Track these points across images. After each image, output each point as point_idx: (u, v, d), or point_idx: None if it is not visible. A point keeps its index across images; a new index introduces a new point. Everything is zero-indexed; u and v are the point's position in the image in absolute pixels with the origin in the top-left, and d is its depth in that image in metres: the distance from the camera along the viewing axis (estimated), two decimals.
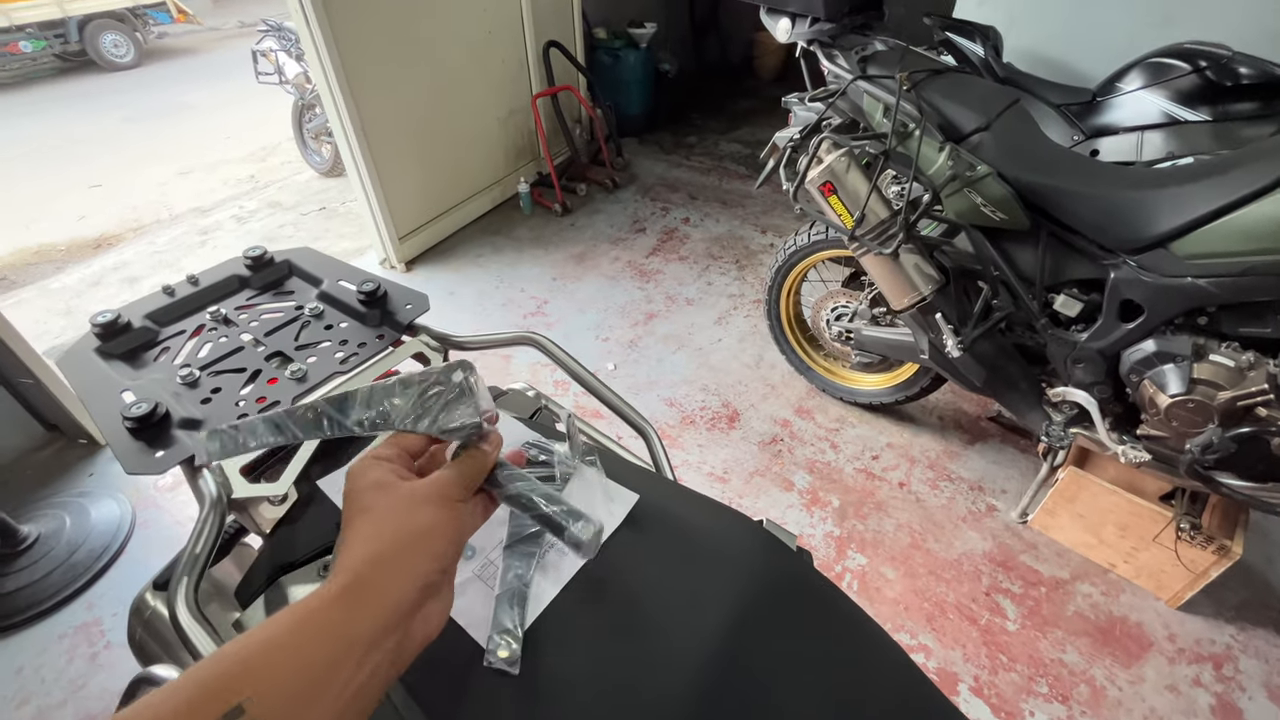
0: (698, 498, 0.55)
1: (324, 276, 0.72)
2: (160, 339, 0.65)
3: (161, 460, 0.51)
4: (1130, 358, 1.27)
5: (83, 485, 1.90)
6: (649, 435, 0.63)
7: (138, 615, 0.61)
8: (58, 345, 2.61)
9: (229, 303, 0.69)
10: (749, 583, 0.47)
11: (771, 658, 0.43)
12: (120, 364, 0.61)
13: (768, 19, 1.59)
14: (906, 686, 0.46)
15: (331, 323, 0.67)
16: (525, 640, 0.41)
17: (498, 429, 0.42)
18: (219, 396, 0.58)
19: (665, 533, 0.50)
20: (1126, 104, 1.89)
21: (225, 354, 0.63)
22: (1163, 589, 1.49)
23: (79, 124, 5.46)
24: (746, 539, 0.52)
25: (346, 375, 0.62)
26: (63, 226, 3.66)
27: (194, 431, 0.54)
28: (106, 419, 0.53)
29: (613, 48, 3.80)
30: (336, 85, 2.37)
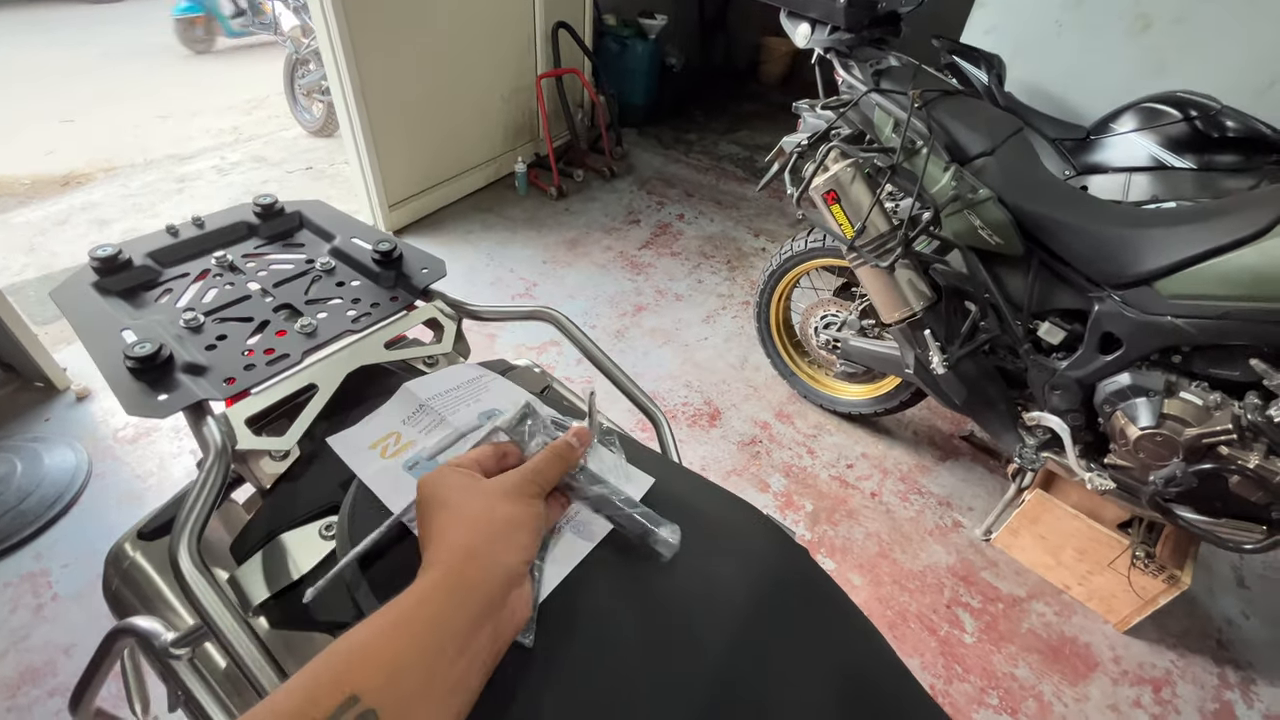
0: (709, 485, 0.56)
1: (336, 232, 0.70)
2: (162, 280, 0.62)
3: (166, 404, 0.49)
4: (1105, 388, 1.32)
5: (37, 430, 1.82)
6: (659, 421, 0.63)
7: (115, 565, 0.59)
8: (17, 283, 2.49)
9: (236, 249, 0.67)
10: (760, 570, 0.47)
11: (778, 645, 0.44)
12: (119, 301, 0.58)
13: (787, 22, 1.60)
14: (893, 676, 0.47)
15: (343, 280, 0.66)
16: (539, 615, 0.41)
17: (575, 436, 0.45)
18: (224, 344, 0.56)
19: (678, 517, 0.50)
20: (1118, 145, 1.95)
21: (231, 301, 0.60)
22: (1112, 613, 1.56)
23: (54, 53, 5.19)
24: (756, 529, 0.53)
25: (358, 335, 0.60)
26: (29, 159, 3.48)
27: (198, 377, 0.52)
28: (106, 358, 0.51)
29: (621, 36, 3.77)
30: (339, 41, 2.30)
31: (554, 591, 0.42)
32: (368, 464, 0.48)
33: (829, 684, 0.44)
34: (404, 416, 0.51)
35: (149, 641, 0.50)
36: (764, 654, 0.43)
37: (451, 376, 0.56)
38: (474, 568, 0.35)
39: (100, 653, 0.59)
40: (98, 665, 0.60)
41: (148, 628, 0.50)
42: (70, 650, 1.36)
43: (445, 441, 0.49)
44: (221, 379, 0.53)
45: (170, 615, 0.55)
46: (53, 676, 1.31)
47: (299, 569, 0.47)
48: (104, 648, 0.58)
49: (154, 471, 1.75)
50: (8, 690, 1.29)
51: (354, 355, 0.58)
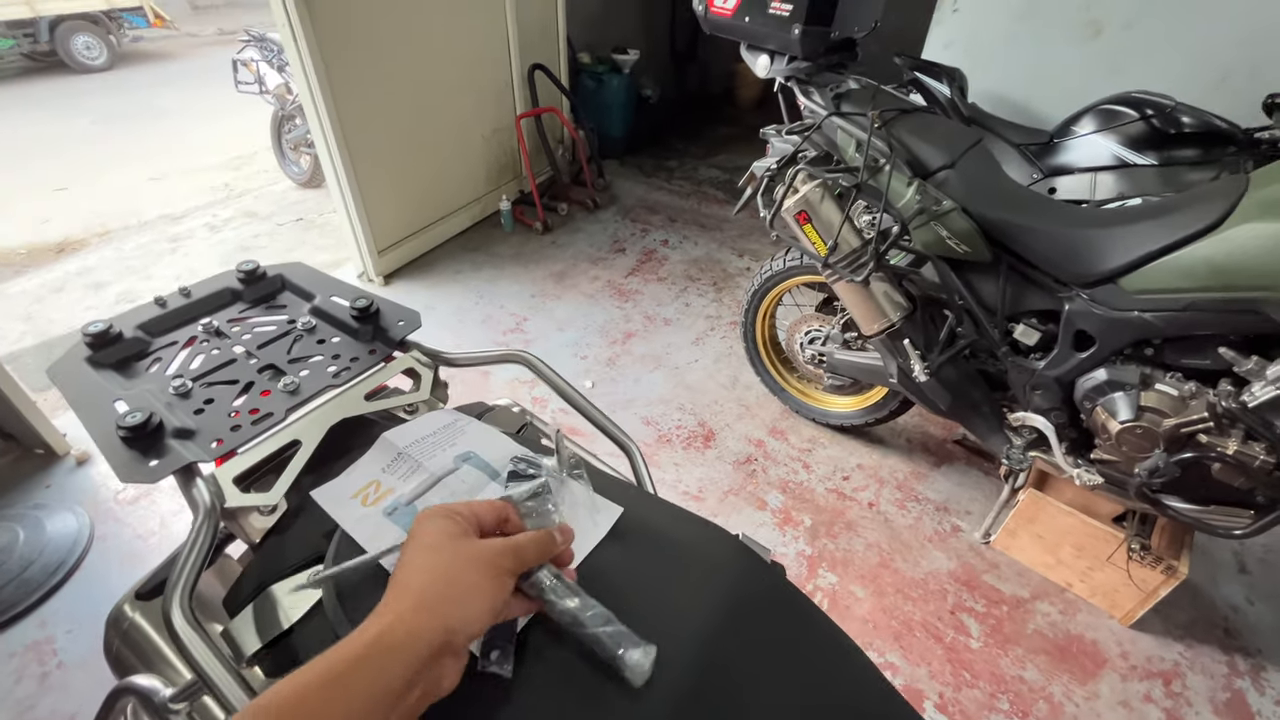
0: (678, 511, 0.58)
1: (316, 292, 0.74)
2: (152, 350, 0.65)
3: (156, 469, 0.51)
4: (1084, 385, 1.34)
5: (38, 497, 1.84)
6: (632, 451, 0.66)
7: (115, 627, 0.61)
8: (15, 352, 2.52)
9: (221, 315, 0.70)
10: (725, 592, 0.49)
11: (745, 663, 0.46)
12: (111, 374, 0.61)
13: (747, 55, 1.66)
14: (874, 695, 0.48)
15: (324, 337, 0.69)
16: (516, 646, 0.43)
17: (558, 530, 0.45)
18: (211, 407, 0.59)
19: (648, 545, 0.52)
20: (1081, 146, 2.01)
21: (218, 365, 0.63)
22: (1116, 608, 1.56)
23: (45, 125, 5.32)
24: (724, 551, 0.55)
25: (339, 389, 0.63)
26: (24, 229, 3.55)
27: (187, 441, 0.55)
28: (99, 429, 0.54)
29: (596, 72, 3.88)
30: (320, 97, 2.38)
31: (529, 622, 0.45)
32: (350, 513, 0.51)
33: (800, 699, 0.45)
34: (383, 465, 0.54)
35: (148, 699, 0.52)
36: (733, 673, 0.45)
37: (428, 423, 0.58)
38: (421, 619, 0.35)
39: (103, 712, 0.60)
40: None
41: (146, 685, 0.52)
42: (75, 718, 1.36)
43: (422, 486, 0.51)
44: (209, 441, 0.55)
45: (169, 672, 0.57)
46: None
47: (289, 618, 0.49)
48: (106, 707, 0.59)
49: (155, 531, 1.76)
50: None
51: (336, 409, 0.61)
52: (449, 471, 0.53)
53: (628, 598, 0.48)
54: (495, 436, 0.58)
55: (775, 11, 1.46)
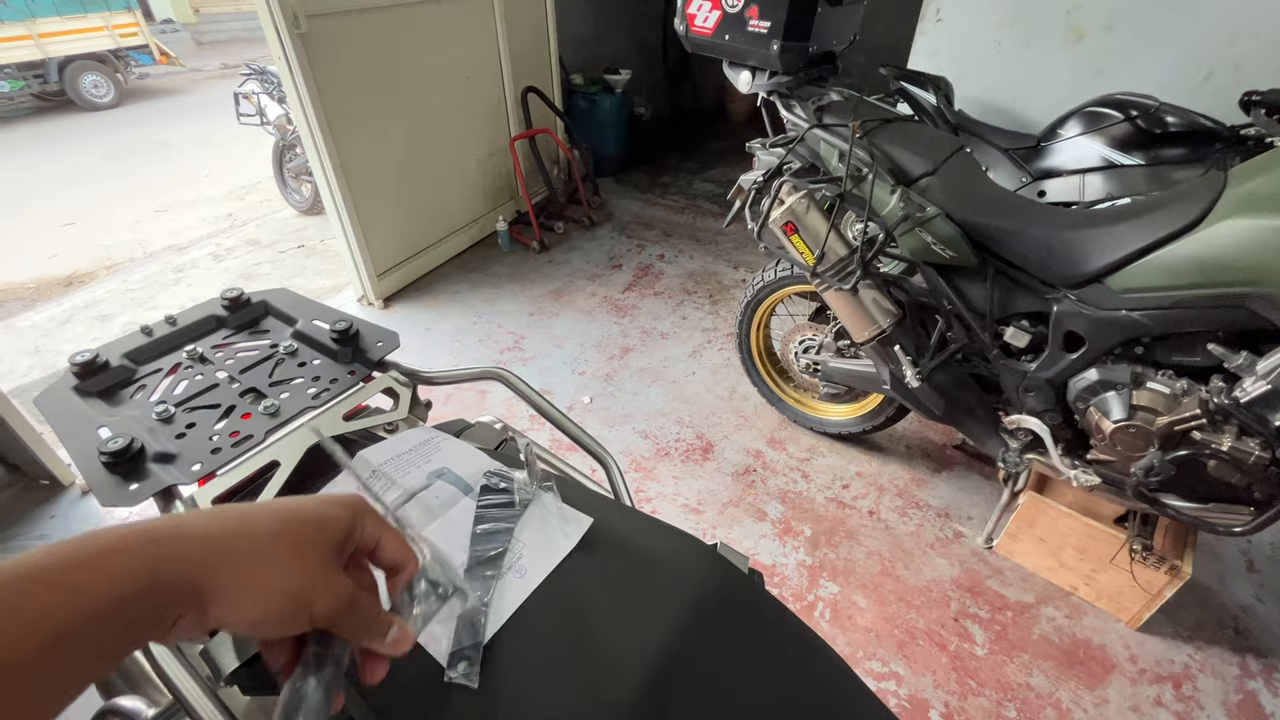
0: (651, 522, 0.59)
1: (299, 316, 0.75)
2: (137, 377, 0.67)
3: (136, 493, 0.52)
4: (1076, 386, 1.34)
5: (43, 528, 1.86)
6: (608, 464, 0.67)
7: None
8: (23, 385, 2.56)
9: (206, 341, 0.72)
10: (696, 601, 0.49)
11: (712, 669, 0.46)
12: (97, 401, 0.63)
13: (730, 71, 1.69)
14: (843, 693, 0.49)
15: (305, 360, 0.70)
16: (482, 657, 0.44)
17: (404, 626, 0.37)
18: (193, 431, 0.60)
19: (617, 555, 0.53)
20: (1068, 149, 2.02)
21: (200, 390, 0.65)
22: (1122, 610, 1.54)
23: (54, 162, 5.45)
24: (696, 560, 0.55)
25: (318, 410, 0.64)
26: (32, 264, 3.62)
27: (168, 465, 0.56)
28: (83, 454, 0.55)
29: (589, 93, 3.95)
30: (317, 126, 2.43)
31: (497, 633, 0.45)
32: None
33: (769, 700, 0.46)
34: (361, 482, 0.55)
35: (132, 719, 0.53)
36: (700, 679, 0.45)
37: (404, 441, 0.59)
38: (181, 547, 0.29)
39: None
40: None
41: (130, 706, 0.53)
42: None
43: (396, 502, 0.52)
44: (190, 464, 0.57)
45: (153, 692, 0.58)
46: None
47: None
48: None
49: None
50: None
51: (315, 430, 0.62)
52: (423, 487, 0.54)
53: (594, 607, 0.48)
54: (470, 452, 0.59)
55: (754, 29, 1.49)
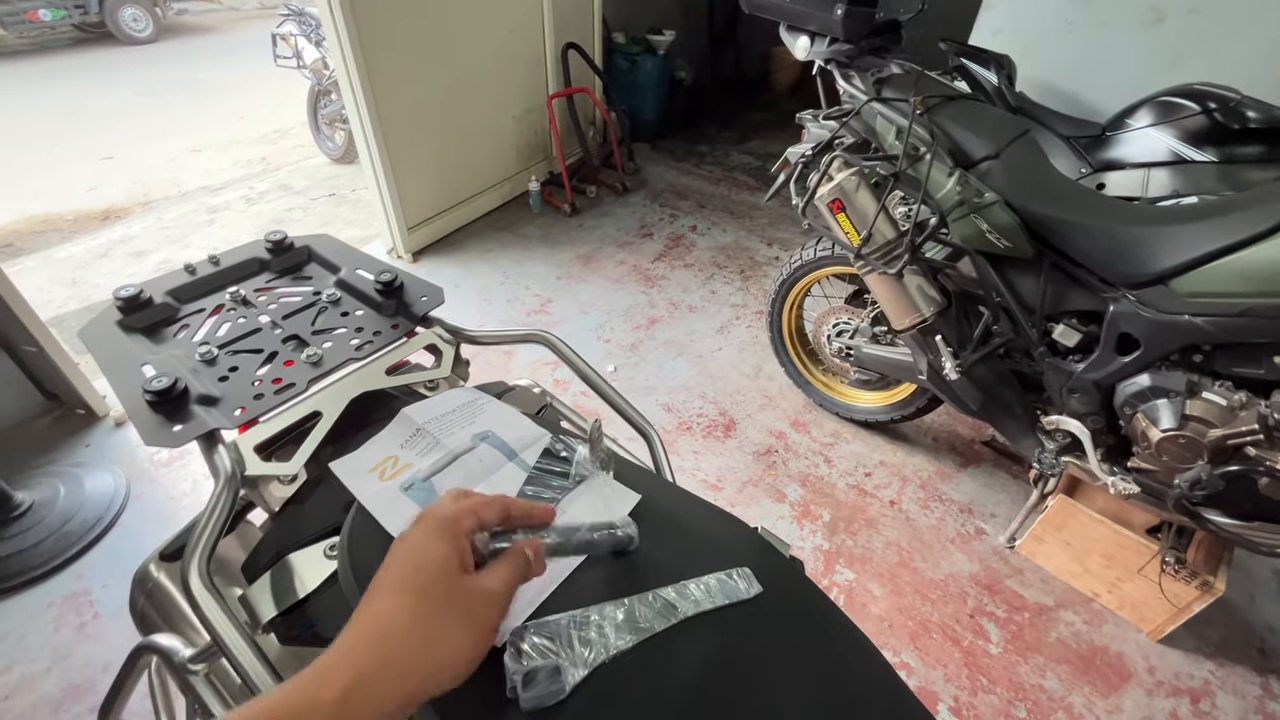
0: (697, 501, 0.57)
1: (342, 264, 0.74)
2: (180, 316, 0.66)
3: (179, 434, 0.52)
4: (1125, 390, 1.29)
5: (79, 456, 1.91)
6: (652, 438, 0.65)
7: (141, 585, 0.62)
8: (61, 315, 2.62)
9: (249, 284, 0.71)
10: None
11: (760, 657, 0.45)
12: (141, 338, 0.62)
13: (787, 36, 1.61)
14: (889, 696, 0.47)
15: (348, 310, 0.69)
16: None
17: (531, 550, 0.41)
18: (236, 375, 0.59)
19: (664, 533, 0.51)
20: (1135, 140, 1.91)
21: (243, 334, 0.64)
22: (1145, 621, 1.51)
23: (92, 95, 5.47)
24: (742, 543, 0.54)
25: (361, 362, 0.63)
26: (71, 196, 3.66)
27: (211, 408, 0.55)
28: (127, 391, 0.55)
29: (630, 53, 3.83)
30: (355, 73, 2.39)
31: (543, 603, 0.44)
32: (367, 487, 0.51)
33: (814, 696, 0.44)
34: (402, 440, 0.54)
35: (169, 658, 0.53)
36: (747, 666, 0.44)
37: (448, 401, 0.58)
38: (389, 682, 0.31)
39: (126, 668, 0.62)
40: (124, 679, 0.64)
41: (167, 645, 0.53)
42: (109, 668, 1.41)
43: (439, 463, 0.51)
44: (232, 409, 0.56)
45: (190, 632, 0.58)
46: (93, 694, 1.37)
47: (305, 588, 0.50)
48: (129, 663, 0.61)
49: (187, 493, 1.82)
50: (51, 707, 1.34)
51: (357, 382, 0.61)
52: (467, 450, 0.52)
53: (639, 585, 0.47)
54: (515, 417, 0.57)
55: None
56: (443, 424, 0.55)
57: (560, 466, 0.51)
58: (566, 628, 0.41)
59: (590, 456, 0.50)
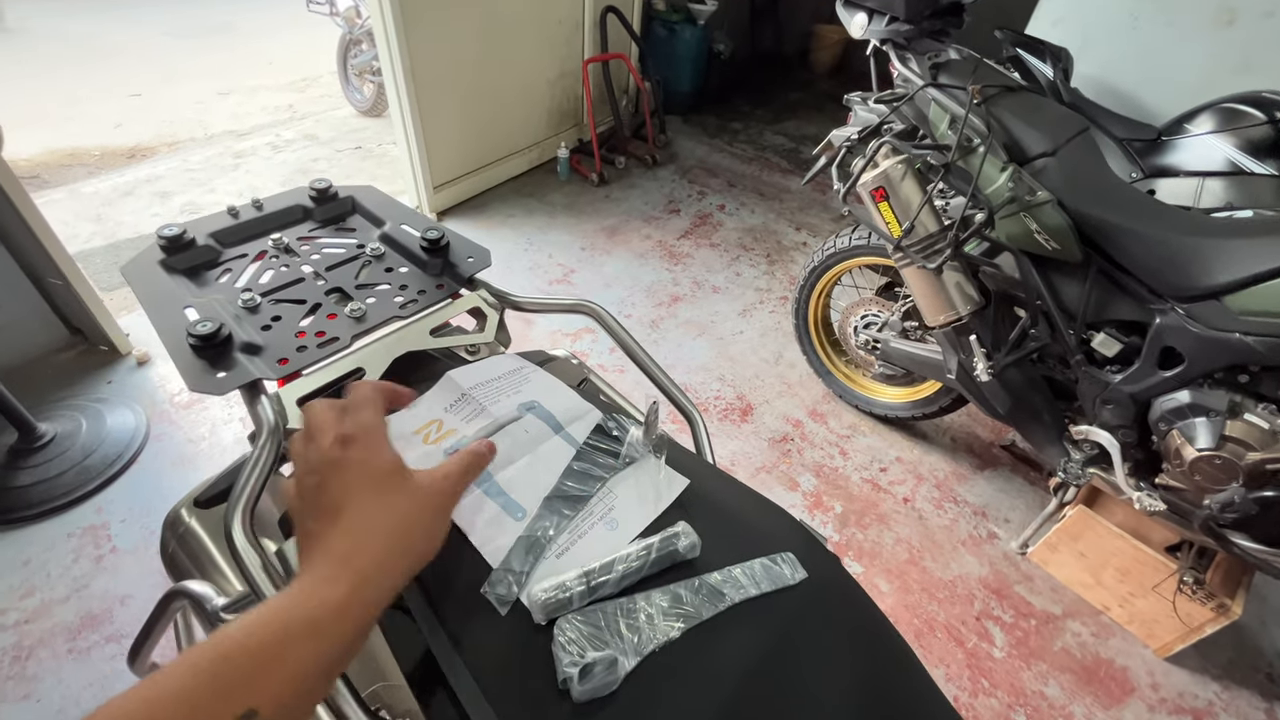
0: (742, 488, 0.56)
1: (387, 219, 0.72)
2: (222, 260, 0.64)
3: (223, 381, 0.51)
4: (1162, 405, 1.26)
5: (100, 391, 1.93)
6: (695, 420, 0.63)
7: (172, 529, 0.62)
8: (86, 250, 2.62)
9: (291, 231, 0.69)
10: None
11: (808, 648, 0.44)
12: (183, 279, 0.61)
13: (843, 11, 1.55)
14: (921, 689, 0.46)
15: (392, 266, 0.67)
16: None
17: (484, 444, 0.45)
18: (279, 325, 0.58)
19: (707, 517, 0.50)
20: (1192, 147, 1.84)
21: (286, 283, 0.62)
22: (1153, 638, 1.50)
23: (122, 32, 5.40)
24: (784, 530, 0.52)
25: (405, 321, 0.61)
26: (98, 131, 3.64)
27: (254, 357, 0.54)
28: (170, 333, 0.54)
29: (670, 21, 3.72)
30: (392, 23, 2.34)
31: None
32: (410, 449, 0.49)
33: (850, 691, 0.43)
34: (446, 404, 0.52)
35: (201, 605, 0.53)
36: (793, 653, 0.43)
37: (493, 367, 0.56)
38: (380, 586, 0.34)
39: (157, 612, 0.62)
40: (154, 623, 0.64)
41: (201, 592, 0.53)
42: (125, 600, 1.44)
43: (484, 431, 0.50)
44: (275, 359, 0.55)
45: (220, 580, 0.58)
46: (109, 623, 1.40)
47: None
48: (160, 607, 0.61)
49: (205, 436, 1.83)
50: (69, 634, 1.38)
51: (400, 341, 0.60)
52: (512, 419, 0.51)
53: (686, 570, 0.46)
54: (560, 389, 0.56)
55: None
56: (488, 390, 0.53)
57: (610, 445, 0.50)
58: (614, 615, 0.40)
59: (643, 439, 0.48)
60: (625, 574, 0.42)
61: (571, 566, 0.43)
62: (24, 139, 3.40)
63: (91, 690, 1.29)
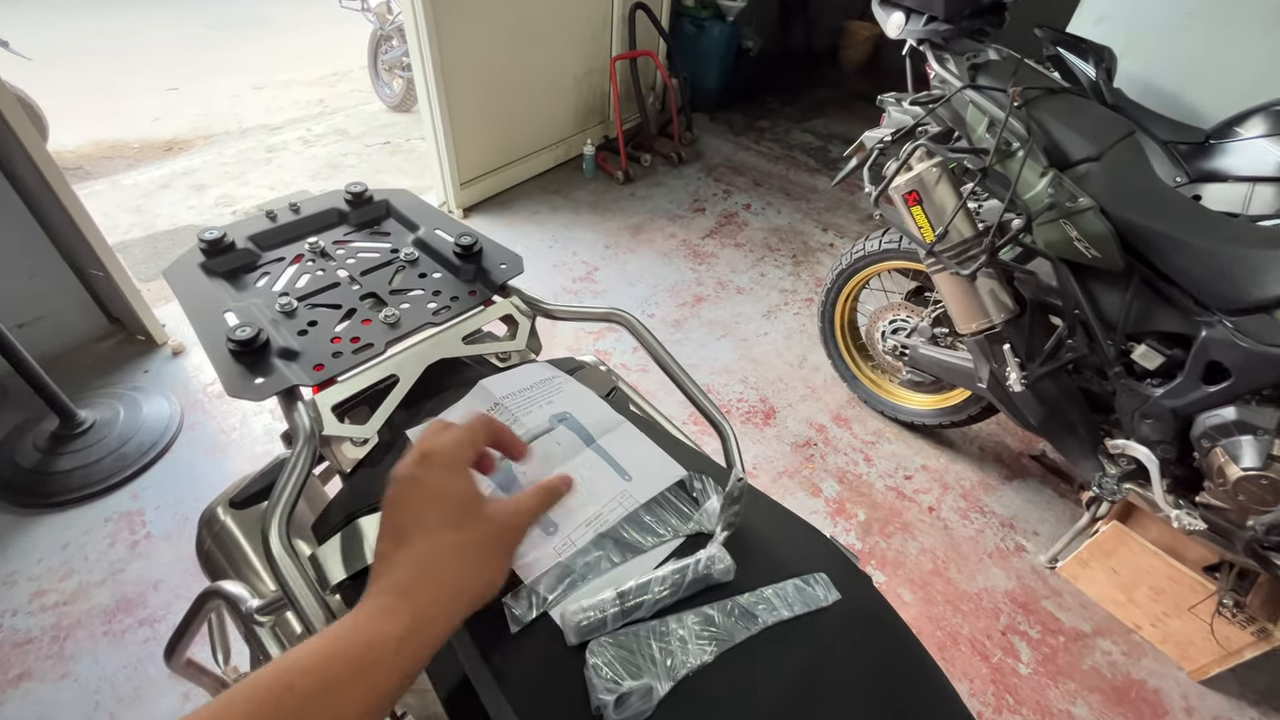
0: (773, 505, 0.55)
1: (421, 223, 0.72)
2: (260, 263, 0.65)
3: (261, 387, 0.51)
4: (1205, 422, 1.21)
5: (137, 380, 1.98)
6: (726, 433, 0.62)
7: (208, 528, 0.63)
8: (125, 241, 2.69)
9: (327, 235, 0.70)
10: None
11: (843, 674, 0.43)
12: (222, 282, 0.62)
13: (880, 10, 1.52)
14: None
15: (425, 271, 0.67)
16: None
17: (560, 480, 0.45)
18: (315, 330, 0.58)
19: (743, 539, 0.49)
20: (1242, 151, 1.77)
21: (322, 288, 0.63)
22: (1188, 659, 1.45)
23: (162, 27, 5.53)
24: (815, 549, 0.52)
25: (439, 328, 0.62)
26: (138, 125, 3.74)
27: (291, 362, 0.55)
28: (211, 337, 0.54)
29: (699, 17, 3.69)
30: (423, 19, 2.35)
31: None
32: None
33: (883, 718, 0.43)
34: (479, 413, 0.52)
35: (236, 605, 0.54)
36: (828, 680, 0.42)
37: (525, 375, 0.56)
38: (442, 618, 0.34)
39: (193, 610, 0.64)
40: (190, 621, 0.65)
41: (236, 593, 0.54)
42: (159, 585, 1.48)
43: None
44: (311, 365, 0.55)
45: (255, 580, 0.59)
46: (143, 608, 1.44)
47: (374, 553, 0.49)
48: (196, 606, 0.63)
49: (237, 426, 1.88)
50: (105, 616, 1.42)
51: (434, 347, 0.60)
52: (544, 431, 0.51)
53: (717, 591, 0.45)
54: (591, 400, 0.55)
55: None
56: (520, 400, 0.53)
57: (684, 505, 0.48)
58: (646, 638, 0.40)
59: (720, 513, 0.47)
60: (659, 598, 0.41)
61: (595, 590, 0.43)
62: (68, 131, 3.51)
63: (126, 672, 1.33)
